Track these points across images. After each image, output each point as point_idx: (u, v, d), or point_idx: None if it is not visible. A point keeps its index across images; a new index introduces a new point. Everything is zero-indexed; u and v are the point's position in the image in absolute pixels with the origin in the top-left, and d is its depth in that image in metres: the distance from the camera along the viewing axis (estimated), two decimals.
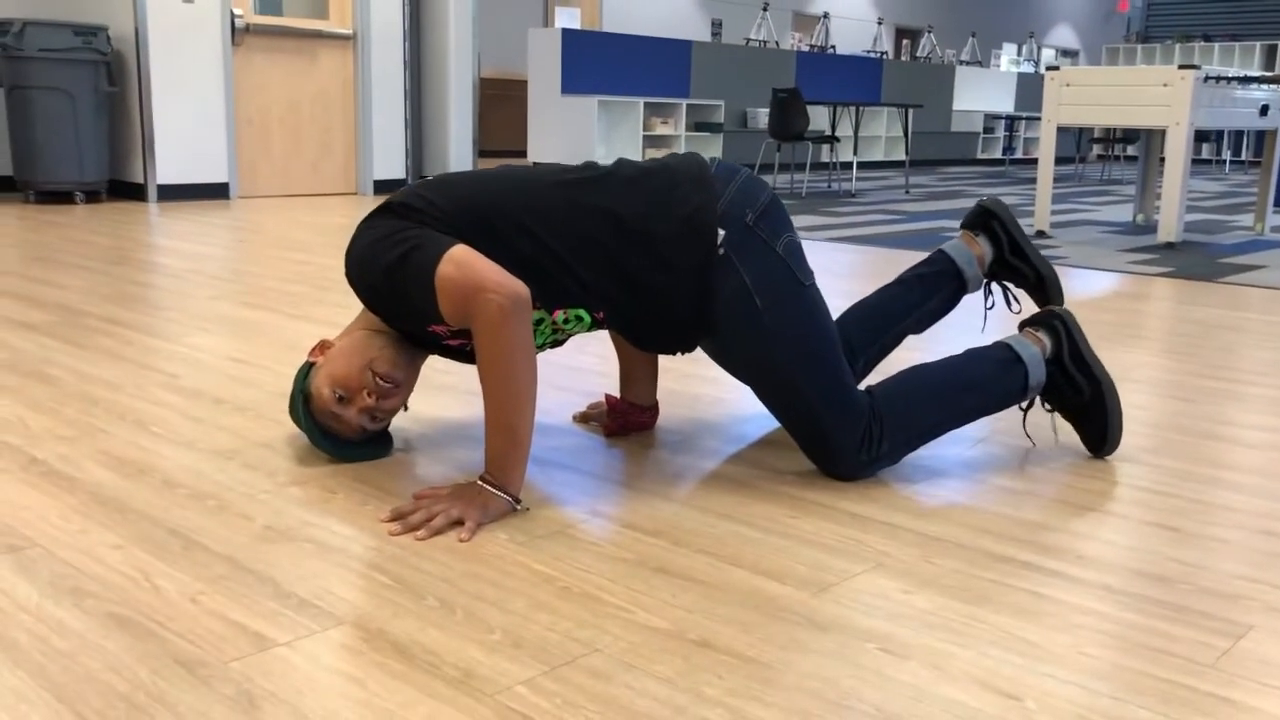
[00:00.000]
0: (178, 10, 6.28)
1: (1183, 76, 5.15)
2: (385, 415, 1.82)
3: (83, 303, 3.21)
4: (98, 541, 1.49)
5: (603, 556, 1.49)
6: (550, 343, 1.84)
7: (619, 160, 1.81)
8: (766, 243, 1.77)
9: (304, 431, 1.81)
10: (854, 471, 1.82)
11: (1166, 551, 1.56)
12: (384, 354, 1.77)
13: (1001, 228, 2.14)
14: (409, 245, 1.63)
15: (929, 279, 2.14)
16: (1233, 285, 4.20)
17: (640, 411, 2.06)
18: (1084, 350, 1.95)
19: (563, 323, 1.77)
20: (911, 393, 1.86)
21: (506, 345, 1.57)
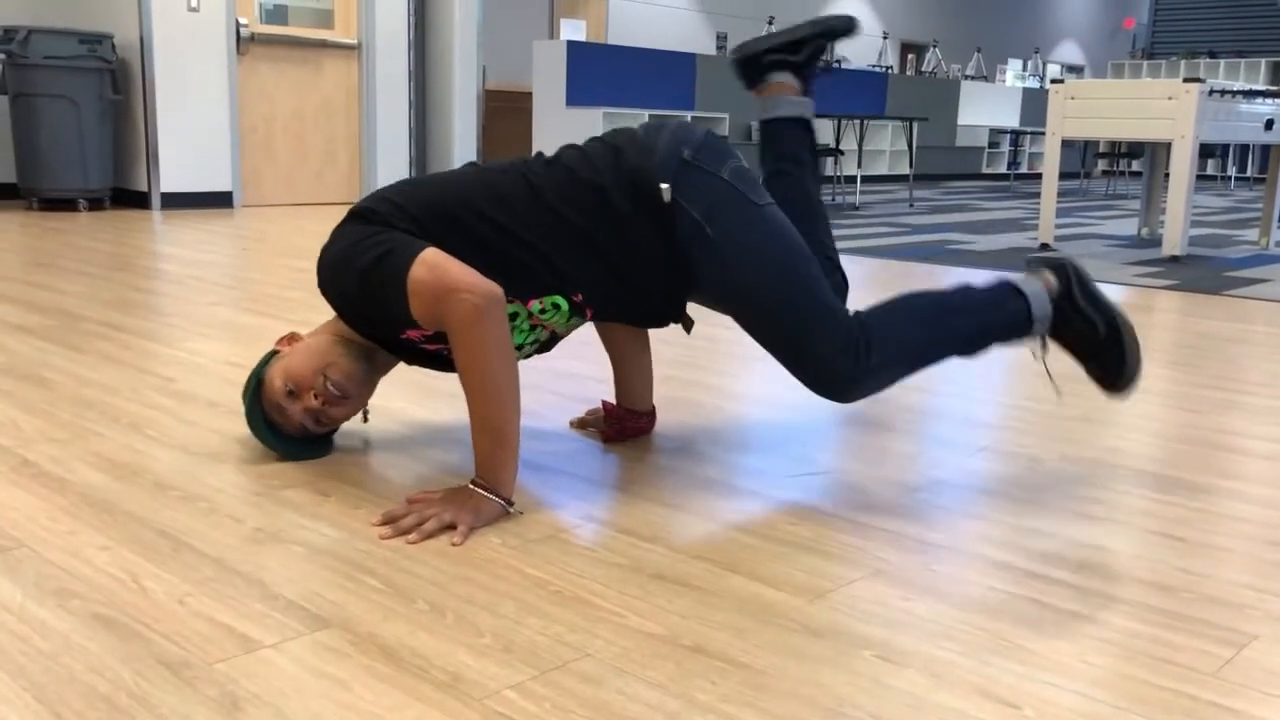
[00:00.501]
0: (183, 19, 6.30)
1: (1188, 90, 5.13)
2: (330, 422, 1.81)
3: (82, 308, 3.20)
4: (86, 542, 1.47)
5: (596, 561, 1.46)
6: (533, 343, 1.82)
7: (562, 146, 1.82)
8: (709, 171, 1.77)
9: (245, 413, 1.81)
10: (845, 386, 1.76)
11: (1170, 560, 1.53)
12: (341, 362, 1.76)
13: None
14: (380, 250, 1.62)
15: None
16: (1238, 298, 4.18)
17: (637, 417, 2.05)
18: (1094, 287, 1.89)
19: (539, 313, 1.76)
20: (898, 309, 1.83)
21: (482, 345, 1.56)
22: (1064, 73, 20.07)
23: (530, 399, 2.31)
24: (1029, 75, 15.53)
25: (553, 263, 1.72)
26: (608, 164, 1.76)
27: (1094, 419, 2.29)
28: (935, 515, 1.69)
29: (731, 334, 3.09)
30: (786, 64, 2.08)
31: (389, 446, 1.95)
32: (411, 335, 1.70)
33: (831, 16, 2.07)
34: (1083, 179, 12.33)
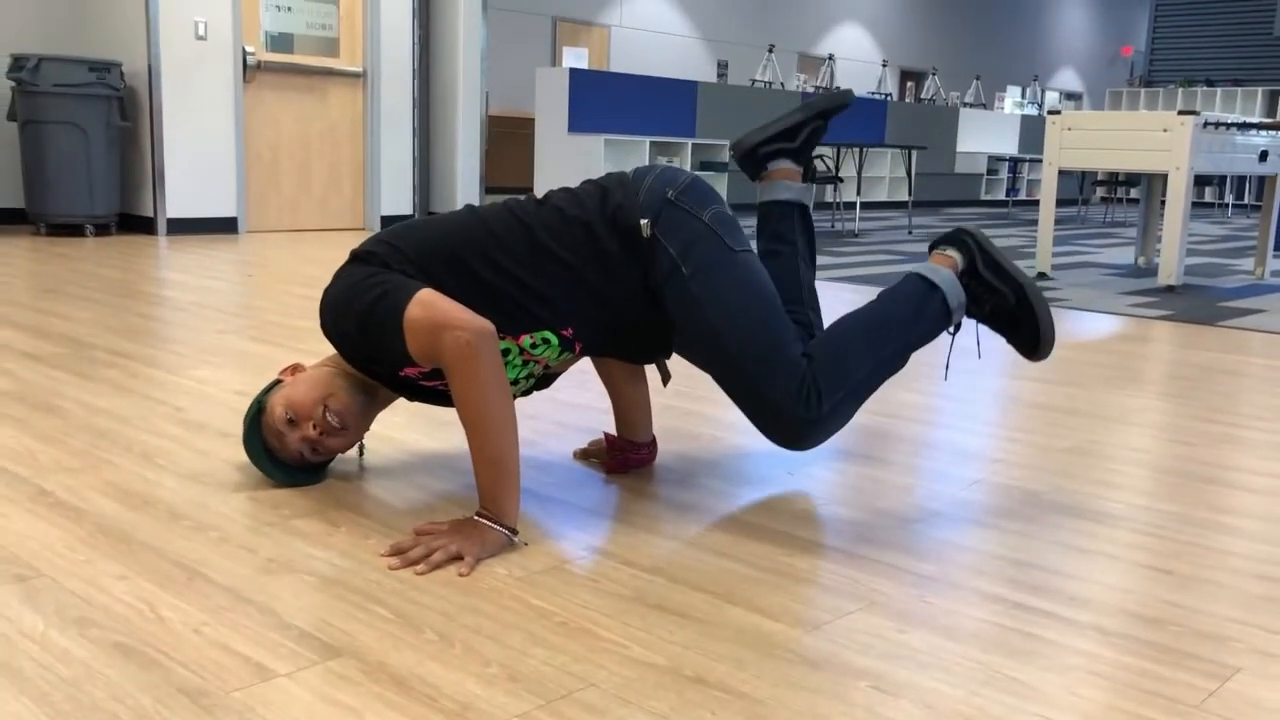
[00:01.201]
0: (191, 47, 6.38)
1: (1182, 122, 5.20)
2: (326, 452, 1.87)
3: (90, 335, 3.24)
4: (103, 572, 1.51)
5: (599, 592, 1.50)
6: (527, 378, 1.86)
7: (553, 189, 1.89)
8: (690, 213, 1.83)
9: (243, 436, 1.87)
10: (797, 431, 1.81)
11: (1159, 594, 1.57)
12: (341, 395, 1.82)
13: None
14: (378, 291, 1.69)
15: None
16: (1232, 329, 4.23)
17: (637, 448, 2.09)
18: (998, 256, 1.97)
19: (530, 348, 1.81)
20: (838, 344, 1.87)
21: (477, 378, 1.61)
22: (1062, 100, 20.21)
23: (532, 429, 2.35)
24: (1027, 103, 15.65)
25: (543, 298, 1.78)
26: (595, 203, 1.83)
27: (1086, 451, 2.34)
28: (929, 548, 1.73)
29: None
30: (784, 151, 2.16)
31: (395, 475, 1.99)
32: (410, 373, 1.75)
33: (822, 97, 2.14)
34: (1081, 206, 12.41)
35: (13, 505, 1.77)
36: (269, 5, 6.76)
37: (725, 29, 14.44)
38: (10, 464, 1.98)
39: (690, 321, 1.82)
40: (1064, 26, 20.97)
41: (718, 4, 14.27)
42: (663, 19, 13.68)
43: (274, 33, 6.81)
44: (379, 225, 7.31)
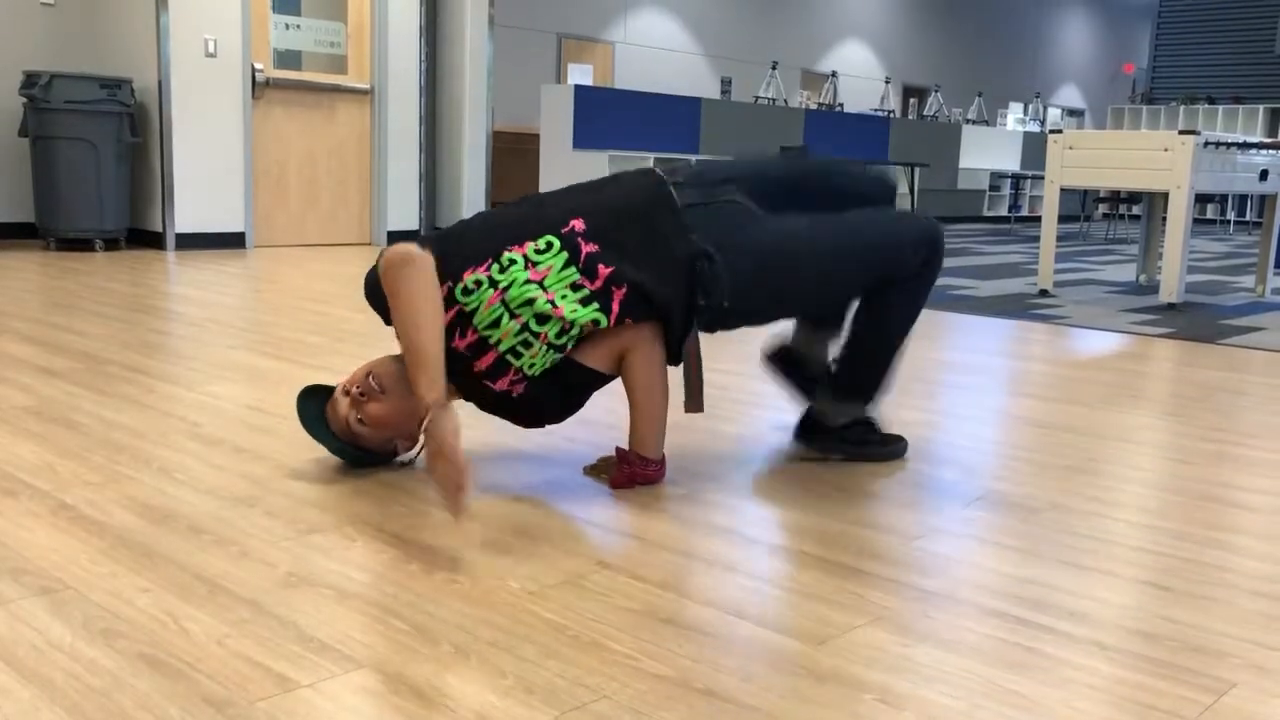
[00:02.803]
0: (200, 64, 6.44)
1: (1183, 142, 5.25)
2: (368, 422, 2.03)
3: (105, 350, 3.29)
4: (127, 585, 1.55)
5: (611, 606, 1.54)
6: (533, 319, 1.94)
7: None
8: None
9: (298, 403, 2.11)
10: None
11: (1157, 610, 1.61)
12: (385, 363, 2.04)
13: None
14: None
15: None
16: (1233, 347, 4.26)
17: (646, 464, 2.13)
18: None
19: (534, 253, 1.96)
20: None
21: (400, 281, 1.86)
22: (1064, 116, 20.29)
23: (541, 445, 2.39)
24: (1030, 119, 15.72)
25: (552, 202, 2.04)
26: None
27: (1086, 470, 2.37)
28: (933, 563, 1.76)
29: (741, 381, 3.17)
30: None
31: (409, 490, 2.03)
32: (459, 345, 1.95)
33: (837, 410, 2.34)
34: (1083, 222, 12.46)
35: (36, 519, 1.81)
36: (278, 23, 6.84)
37: (729, 46, 14.53)
38: (32, 478, 2.02)
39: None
40: (1066, 43, 21.07)
41: (722, 21, 14.37)
42: (667, 36, 13.77)
43: (283, 50, 6.88)
44: (385, 240, 7.37)
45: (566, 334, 1.94)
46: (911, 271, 2.17)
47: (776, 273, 2.05)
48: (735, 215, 2.07)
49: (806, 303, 2.17)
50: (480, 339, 1.94)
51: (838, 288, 2.16)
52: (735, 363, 3.47)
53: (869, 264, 2.13)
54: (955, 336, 4.25)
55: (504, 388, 1.98)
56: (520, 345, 1.94)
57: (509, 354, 1.94)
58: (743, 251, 2.02)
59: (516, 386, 1.98)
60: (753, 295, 2.05)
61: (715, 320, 2.06)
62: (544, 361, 1.95)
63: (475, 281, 1.93)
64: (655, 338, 2.01)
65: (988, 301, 5.45)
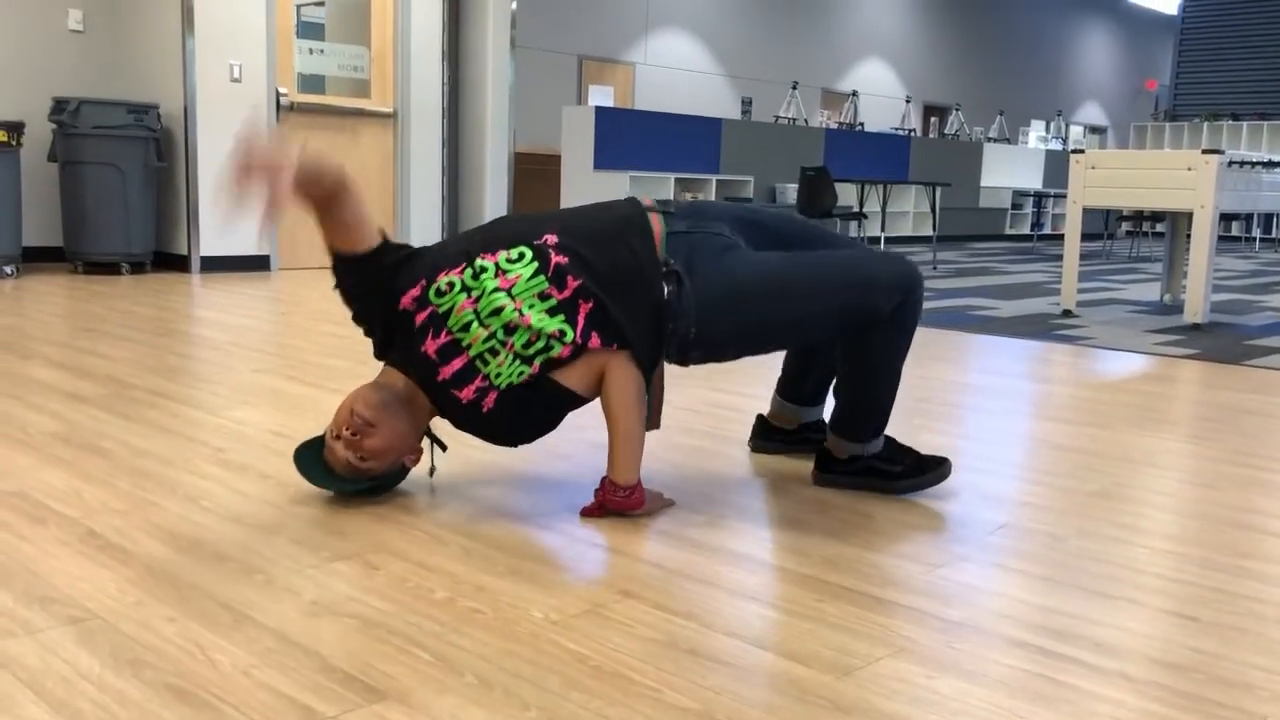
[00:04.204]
0: (226, 89, 6.52)
1: (1207, 161, 5.22)
2: (369, 457, 2.03)
3: (130, 375, 3.32)
4: (154, 614, 1.56)
5: (633, 636, 1.54)
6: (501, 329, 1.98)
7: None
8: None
9: (297, 452, 2.11)
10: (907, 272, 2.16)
11: (1184, 640, 1.60)
12: (364, 394, 2.03)
13: None
14: None
15: None
16: (1259, 368, 4.23)
17: (617, 490, 2.06)
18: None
19: (505, 262, 1.98)
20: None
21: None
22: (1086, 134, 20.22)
23: (564, 471, 2.40)
24: (1051, 137, 15.68)
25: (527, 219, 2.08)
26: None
27: (1111, 495, 2.36)
28: (957, 592, 1.75)
29: (758, 404, 3.17)
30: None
31: (430, 517, 2.04)
32: (405, 304, 2.00)
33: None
34: (1106, 240, 12.40)
35: (64, 547, 1.83)
36: (302, 48, 6.91)
37: (749, 66, 14.57)
38: (61, 505, 2.04)
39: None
40: (1087, 60, 21.02)
41: (742, 41, 14.41)
42: (687, 56, 13.82)
43: (307, 74, 6.95)
44: None
45: (533, 345, 1.96)
46: (884, 315, 2.13)
47: (744, 303, 2.05)
48: (713, 244, 2.10)
49: (774, 338, 2.15)
50: (453, 340, 1.98)
51: (807, 326, 2.13)
52: (753, 386, 3.47)
53: (840, 303, 2.10)
54: (977, 358, 4.23)
55: (471, 397, 1.99)
56: (488, 352, 1.97)
57: (478, 359, 1.98)
58: (713, 279, 2.03)
59: (487, 399, 1.99)
60: (719, 325, 2.05)
61: (684, 349, 2.06)
62: (511, 373, 1.97)
63: (449, 283, 1.98)
64: (632, 361, 2.02)
65: (1010, 322, 5.43)
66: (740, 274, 2.06)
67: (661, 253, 2.05)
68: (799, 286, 2.08)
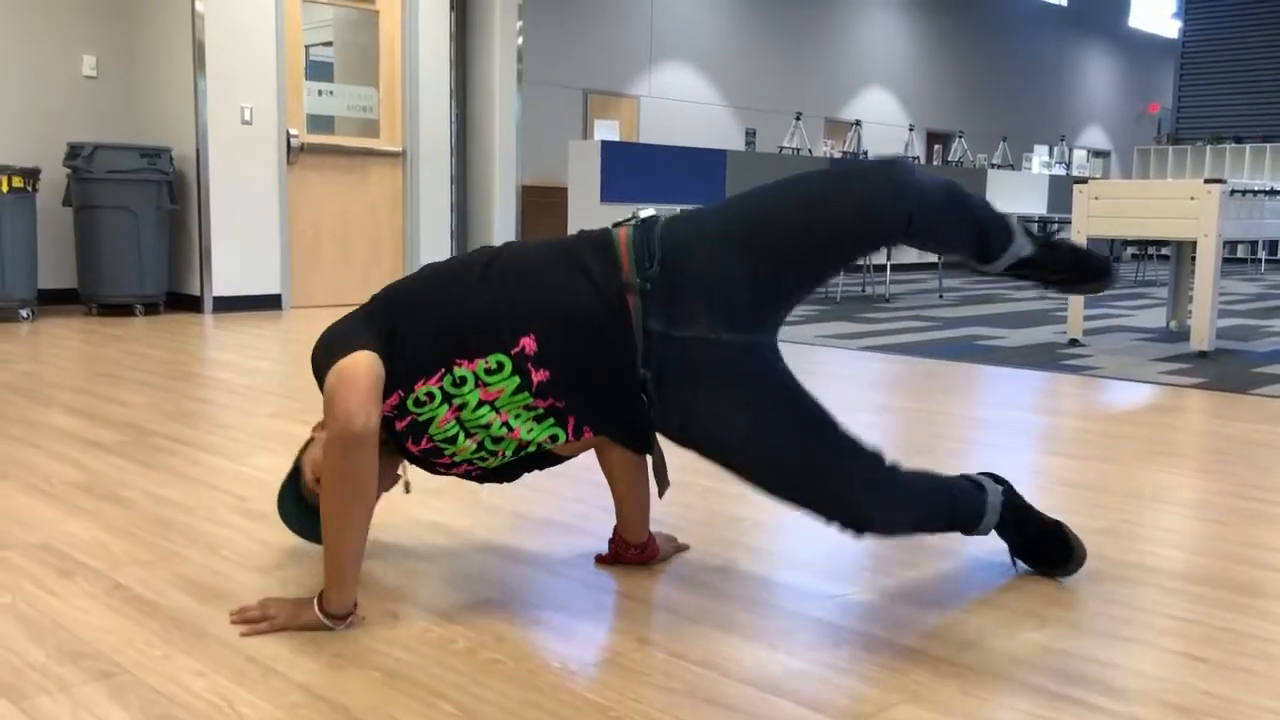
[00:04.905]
0: (237, 131, 6.61)
1: (1209, 190, 5.27)
2: None
3: (149, 421, 3.37)
4: (181, 668, 1.59)
5: (652, 686, 1.57)
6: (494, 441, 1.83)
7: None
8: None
9: (278, 498, 2.02)
10: (879, 521, 1.84)
11: (1195, 683, 1.62)
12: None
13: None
14: (330, 341, 1.82)
15: None
16: (1266, 397, 4.25)
17: (627, 548, 2.09)
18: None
19: (484, 373, 1.78)
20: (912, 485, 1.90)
21: (334, 474, 1.70)
22: (1090, 158, 20.29)
23: (577, 513, 2.43)
24: (1055, 163, 15.75)
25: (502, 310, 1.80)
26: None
27: (1120, 532, 2.38)
28: (969, 636, 1.78)
29: None
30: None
31: (447, 563, 2.07)
32: (413, 450, 1.86)
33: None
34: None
35: (91, 600, 1.86)
36: (311, 89, 7.00)
37: (753, 96, 14.69)
38: (86, 557, 2.08)
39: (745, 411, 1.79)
40: (1090, 84, 21.12)
41: (745, 72, 14.53)
42: (691, 88, 13.94)
43: (316, 115, 7.04)
44: None
45: (525, 449, 1.87)
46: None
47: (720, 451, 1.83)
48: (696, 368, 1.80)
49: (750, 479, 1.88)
50: (436, 448, 1.85)
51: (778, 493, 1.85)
52: None
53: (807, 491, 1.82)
54: (984, 391, 4.26)
55: (459, 470, 1.92)
56: (478, 459, 1.88)
57: (465, 462, 1.89)
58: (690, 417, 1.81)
59: (474, 471, 1.94)
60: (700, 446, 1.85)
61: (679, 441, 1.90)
62: (501, 461, 1.91)
63: (428, 394, 1.80)
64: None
65: (1016, 352, 5.46)
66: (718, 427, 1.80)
67: (636, 324, 1.79)
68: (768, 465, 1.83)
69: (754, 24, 14.56)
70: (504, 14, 7.93)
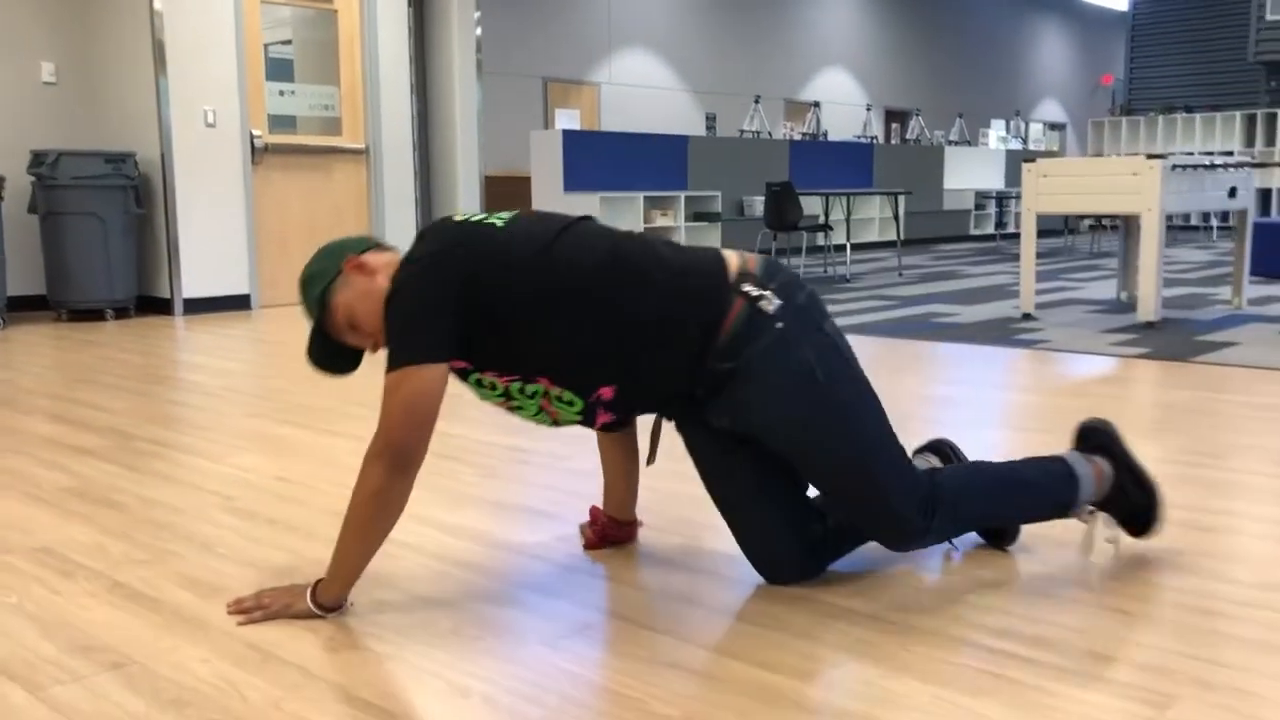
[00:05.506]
0: (201, 134, 6.67)
1: (1151, 166, 5.46)
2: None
3: (131, 426, 3.47)
4: (188, 657, 1.73)
5: (621, 654, 1.72)
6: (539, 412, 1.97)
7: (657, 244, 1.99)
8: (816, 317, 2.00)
9: (308, 349, 2.01)
10: (914, 540, 1.95)
11: (1117, 632, 1.79)
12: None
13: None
14: (406, 324, 1.81)
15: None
16: (1207, 365, 4.45)
17: (618, 526, 2.25)
18: (1142, 473, 2.12)
19: (555, 398, 1.93)
20: (971, 481, 2.03)
21: (372, 492, 1.79)
22: (1046, 131, 20.56)
23: (550, 499, 2.57)
24: (1011, 137, 15.99)
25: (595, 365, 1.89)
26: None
27: None
28: (915, 599, 1.94)
29: None
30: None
31: (433, 553, 2.21)
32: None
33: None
34: (1068, 236, 12.69)
35: (94, 599, 1.98)
36: (273, 90, 7.06)
37: (712, 80, 14.81)
38: (86, 559, 2.20)
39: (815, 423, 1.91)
40: (1044, 58, 21.39)
41: (703, 56, 14.65)
42: (651, 74, 14.04)
43: (278, 115, 7.10)
44: None
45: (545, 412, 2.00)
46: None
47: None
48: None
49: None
50: (466, 378, 1.96)
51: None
52: None
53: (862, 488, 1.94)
54: (937, 368, 4.43)
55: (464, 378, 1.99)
56: (506, 409, 2.02)
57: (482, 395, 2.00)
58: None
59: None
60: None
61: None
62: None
63: (491, 384, 1.94)
64: None
65: (970, 329, 5.64)
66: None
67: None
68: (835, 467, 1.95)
69: (711, 7, 14.67)
70: (462, 5, 8.00)
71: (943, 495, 1.96)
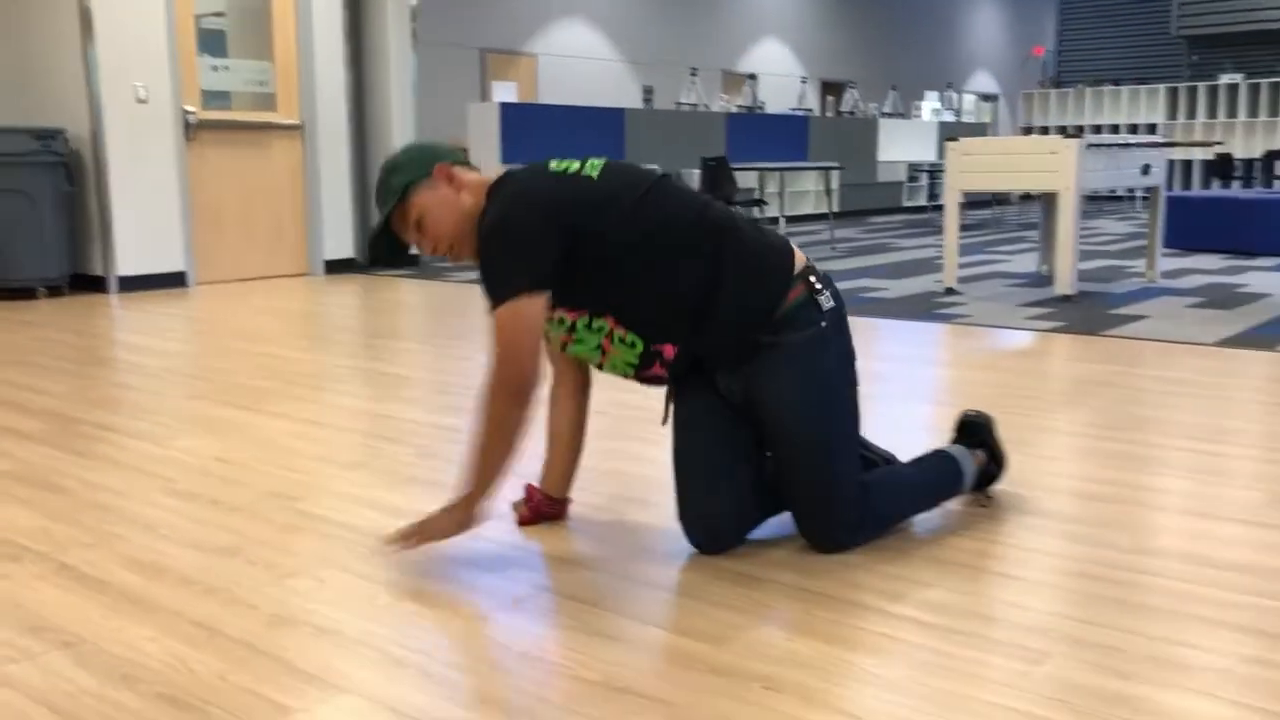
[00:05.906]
0: (132, 111, 6.61)
1: (1068, 145, 5.67)
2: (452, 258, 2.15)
3: (71, 409, 3.51)
4: (136, 635, 1.82)
5: (549, 625, 1.85)
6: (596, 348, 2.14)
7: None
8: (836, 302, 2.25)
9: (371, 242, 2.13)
10: (847, 540, 2.17)
11: (997, 595, 1.95)
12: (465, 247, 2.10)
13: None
14: (510, 258, 1.97)
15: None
16: (1116, 338, 4.67)
17: (551, 503, 2.38)
18: (1001, 455, 2.48)
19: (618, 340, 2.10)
20: (895, 492, 2.27)
21: (500, 421, 1.98)
22: (979, 102, 20.88)
23: None
24: (945, 109, 16.24)
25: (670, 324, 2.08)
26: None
27: None
28: (823, 568, 2.09)
29: (653, 403, 3.49)
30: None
31: (372, 533, 2.31)
32: None
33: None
34: (995, 207, 12.97)
35: (42, 581, 2.07)
36: (205, 66, 7.02)
37: (649, 51, 14.85)
38: (31, 542, 2.28)
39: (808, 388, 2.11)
40: (977, 30, 21.68)
41: (640, 27, 14.68)
42: (589, 45, 14.05)
43: (212, 91, 7.06)
44: (323, 270, 7.58)
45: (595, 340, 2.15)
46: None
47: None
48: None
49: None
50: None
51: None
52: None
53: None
54: (862, 343, 4.60)
55: None
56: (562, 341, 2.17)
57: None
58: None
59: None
60: None
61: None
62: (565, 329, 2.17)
63: (560, 319, 2.12)
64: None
65: (895, 304, 5.83)
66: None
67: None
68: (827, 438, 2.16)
69: None
70: None
71: (869, 516, 2.20)
